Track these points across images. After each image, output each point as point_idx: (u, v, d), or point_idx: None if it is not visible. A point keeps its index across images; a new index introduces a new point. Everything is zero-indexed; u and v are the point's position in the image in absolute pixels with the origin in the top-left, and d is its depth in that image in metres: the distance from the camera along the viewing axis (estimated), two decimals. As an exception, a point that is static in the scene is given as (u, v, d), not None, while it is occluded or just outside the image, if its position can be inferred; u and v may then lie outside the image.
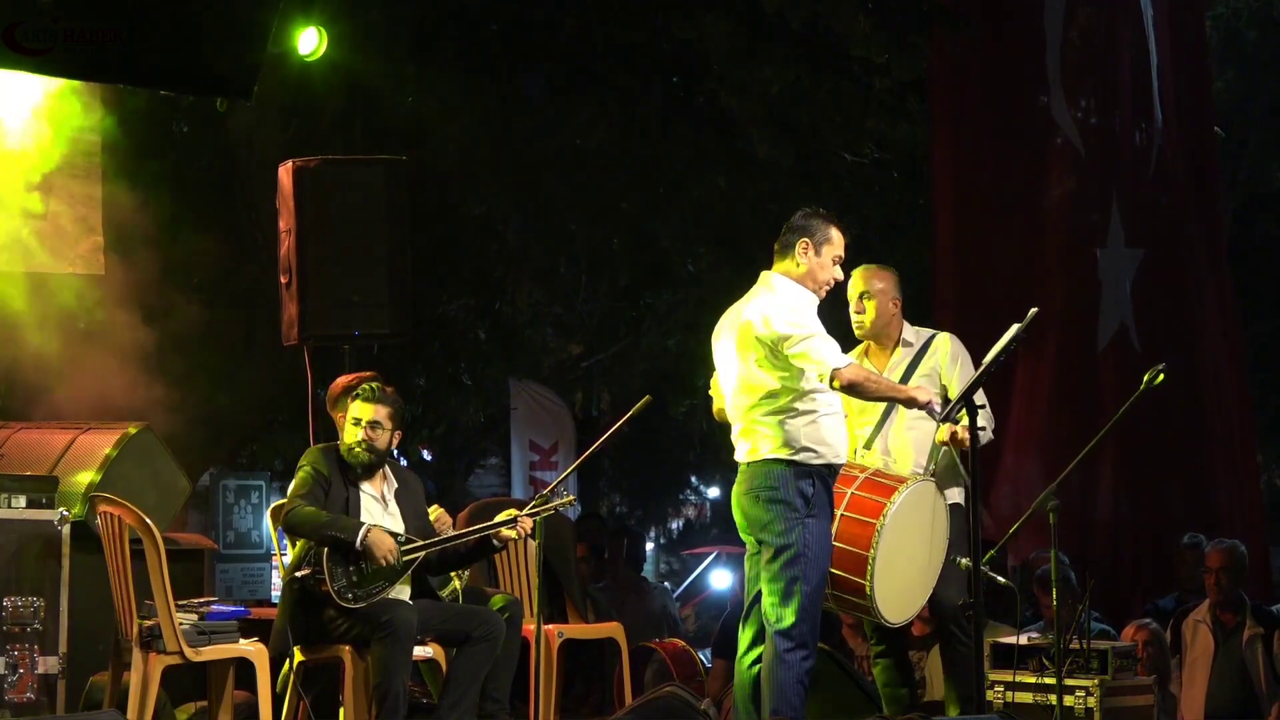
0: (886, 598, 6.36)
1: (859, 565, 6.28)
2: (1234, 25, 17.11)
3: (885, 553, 6.29)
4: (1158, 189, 11.33)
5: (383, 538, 6.51)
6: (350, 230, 8.33)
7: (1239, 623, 8.15)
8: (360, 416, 6.68)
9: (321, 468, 6.66)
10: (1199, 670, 8.16)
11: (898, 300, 6.99)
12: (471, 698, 6.62)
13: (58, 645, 6.65)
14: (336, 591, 6.43)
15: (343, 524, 6.50)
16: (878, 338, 6.99)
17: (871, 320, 6.92)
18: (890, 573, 6.34)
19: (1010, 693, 6.86)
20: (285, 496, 6.80)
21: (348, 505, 6.64)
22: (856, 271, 6.93)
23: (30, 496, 6.78)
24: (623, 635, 8.08)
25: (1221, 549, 8.27)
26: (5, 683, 6.56)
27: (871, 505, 6.33)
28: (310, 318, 8.27)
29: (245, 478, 13.05)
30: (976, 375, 6.29)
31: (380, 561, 6.47)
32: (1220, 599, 8.20)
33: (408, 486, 6.93)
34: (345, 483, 6.69)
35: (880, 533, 6.28)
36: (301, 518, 6.53)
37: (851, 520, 6.29)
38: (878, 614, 6.40)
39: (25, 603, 6.64)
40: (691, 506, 26.58)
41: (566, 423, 15.52)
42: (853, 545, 6.27)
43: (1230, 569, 8.19)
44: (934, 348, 6.96)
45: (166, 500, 7.74)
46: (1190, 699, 8.17)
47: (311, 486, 6.61)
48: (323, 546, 6.47)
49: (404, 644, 6.41)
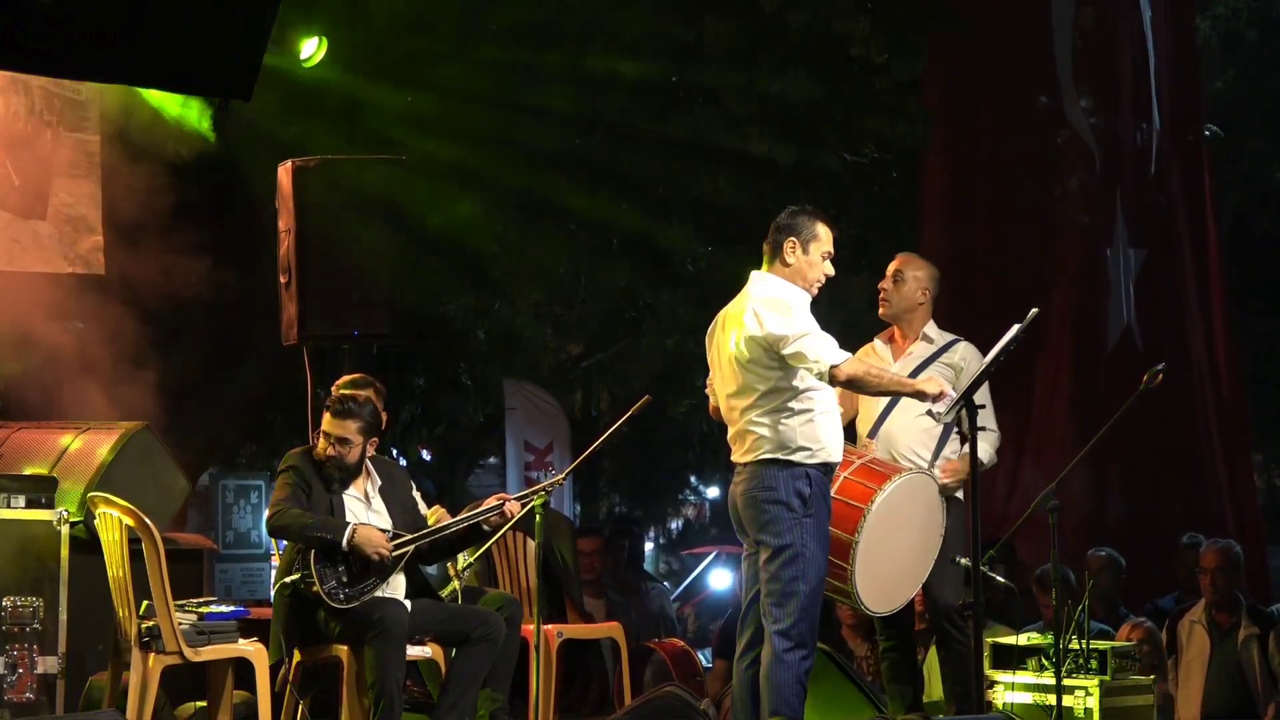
0: (869, 585, 6.37)
1: (843, 549, 6.29)
2: (1234, 25, 17.10)
3: (870, 539, 6.30)
4: (1156, 189, 11.36)
5: (371, 534, 6.51)
6: (350, 230, 8.33)
7: (1234, 623, 8.15)
8: (329, 432, 6.70)
9: (302, 471, 6.66)
10: (1195, 670, 8.16)
11: (928, 291, 7.06)
12: (471, 698, 6.62)
13: (57, 645, 6.66)
14: (327, 593, 6.42)
15: (329, 525, 6.51)
16: (899, 321, 7.03)
17: (896, 300, 6.98)
18: (874, 560, 6.35)
19: (1010, 693, 6.87)
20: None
21: (331, 508, 6.64)
22: (899, 256, 7.08)
23: (30, 496, 6.79)
24: (622, 635, 8.08)
25: (1217, 549, 8.27)
26: (5, 683, 6.56)
27: (861, 490, 6.36)
28: (310, 318, 8.27)
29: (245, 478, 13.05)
30: (977, 375, 6.30)
31: (373, 557, 6.48)
32: (1216, 599, 8.20)
33: (392, 480, 6.93)
34: (325, 486, 6.69)
35: (866, 518, 6.29)
36: (286, 521, 6.53)
37: (840, 503, 6.30)
38: (858, 599, 6.40)
39: (25, 602, 6.64)
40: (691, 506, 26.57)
41: (561, 423, 15.53)
42: (838, 528, 6.28)
43: (1226, 569, 8.19)
44: (955, 350, 6.98)
45: (166, 500, 7.75)
46: (1186, 699, 8.16)
47: (293, 490, 6.61)
48: (310, 549, 6.47)
49: (396, 641, 6.41)
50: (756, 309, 6.13)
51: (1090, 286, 11.01)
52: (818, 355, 6.04)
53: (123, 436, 7.54)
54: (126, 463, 7.47)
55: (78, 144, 9.02)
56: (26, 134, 8.89)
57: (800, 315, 6.13)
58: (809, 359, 6.04)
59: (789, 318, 6.09)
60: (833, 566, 6.30)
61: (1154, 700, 6.98)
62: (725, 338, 6.25)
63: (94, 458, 7.39)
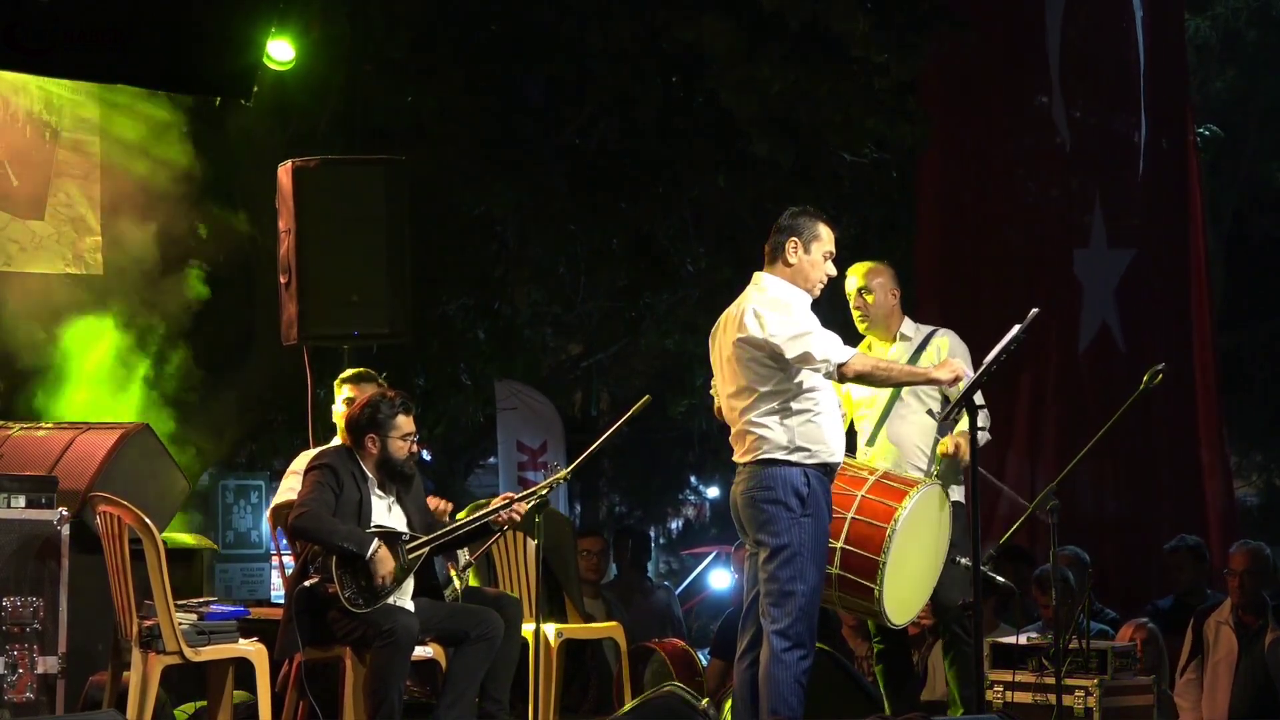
0: (894, 600, 6.38)
1: (869, 569, 6.29)
2: (1234, 25, 17.10)
3: (895, 557, 6.30)
4: (1146, 191, 11.35)
5: (386, 560, 6.50)
6: (350, 230, 8.33)
7: (1262, 625, 8.08)
8: (409, 431, 6.71)
9: (337, 471, 6.64)
10: (1222, 672, 8.09)
11: (895, 292, 7.05)
12: (470, 697, 6.62)
13: (57, 645, 6.65)
14: (348, 599, 6.43)
15: (355, 536, 6.50)
16: (878, 330, 7.02)
17: (873, 312, 6.97)
18: (898, 576, 6.36)
19: (1010, 693, 6.86)
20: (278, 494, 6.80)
21: (360, 507, 6.63)
22: (851, 270, 7.00)
23: (30, 496, 6.78)
24: (622, 635, 8.08)
25: (1246, 550, 8.19)
26: (5, 683, 6.55)
27: (883, 510, 6.34)
28: (310, 317, 8.27)
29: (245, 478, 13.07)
30: (976, 376, 6.29)
31: (378, 580, 6.48)
32: (1243, 600, 8.12)
33: (408, 481, 6.93)
34: (358, 486, 6.68)
35: (891, 537, 6.28)
36: (314, 525, 6.50)
37: (862, 524, 6.30)
38: (884, 616, 6.41)
39: (25, 602, 6.63)
40: (691, 506, 26.57)
41: (555, 423, 15.52)
42: (864, 549, 6.28)
43: (1254, 571, 8.12)
44: (934, 344, 6.97)
45: (166, 500, 7.74)
46: (1214, 701, 8.10)
47: (323, 491, 6.57)
48: (331, 555, 6.47)
49: (404, 652, 6.42)
50: (757, 310, 6.12)
51: (1060, 286, 10.99)
52: (825, 354, 6.04)
53: (123, 436, 7.53)
54: (126, 463, 7.47)
55: (77, 144, 9.02)
56: (26, 134, 8.89)
57: (801, 315, 6.13)
58: (816, 359, 6.04)
59: (790, 318, 6.09)
60: (860, 588, 6.31)
61: (1154, 700, 6.98)
62: (726, 339, 6.24)
63: (94, 458, 7.38)
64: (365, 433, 6.69)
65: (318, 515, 6.51)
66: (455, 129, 11.25)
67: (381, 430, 6.68)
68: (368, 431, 6.69)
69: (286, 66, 8.98)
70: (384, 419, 6.68)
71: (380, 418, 6.68)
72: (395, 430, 6.68)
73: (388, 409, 6.69)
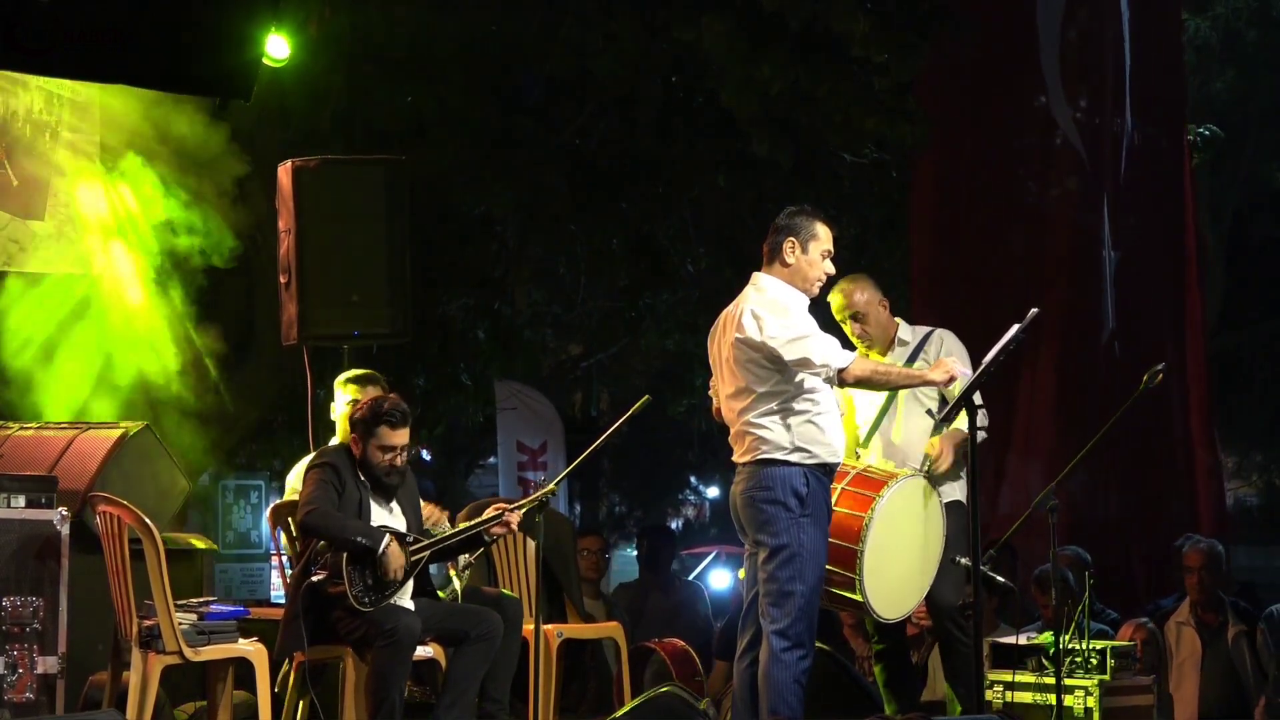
0: (878, 592, 6.38)
1: (849, 559, 6.30)
2: (1234, 25, 17.10)
3: (875, 547, 6.31)
4: (1144, 191, 11.36)
5: (398, 554, 6.52)
6: (350, 230, 8.33)
7: (1222, 621, 8.13)
8: (393, 443, 6.69)
9: (338, 470, 6.65)
10: (1188, 671, 8.15)
11: (884, 302, 7.02)
12: (469, 697, 6.63)
13: (57, 645, 6.65)
14: (355, 596, 6.43)
15: (367, 531, 6.51)
16: (878, 345, 6.99)
17: (874, 331, 6.94)
18: (881, 568, 6.36)
19: (1010, 693, 6.87)
20: (281, 495, 6.79)
21: (360, 507, 6.64)
22: (834, 293, 6.91)
23: (30, 496, 6.78)
24: (622, 635, 8.08)
25: (1200, 548, 8.26)
26: (5, 683, 6.55)
27: (860, 500, 6.37)
28: (310, 318, 8.27)
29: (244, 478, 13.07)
30: (975, 376, 6.28)
31: (389, 575, 6.48)
32: (1201, 598, 8.19)
33: (405, 483, 6.94)
34: (358, 486, 6.69)
35: (868, 526, 6.30)
36: (323, 522, 6.51)
37: (841, 515, 6.32)
38: (870, 609, 6.41)
39: (25, 602, 6.64)
40: (691, 506, 26.60)
41: (555, 423, 15.53)
42: (842, 539, 6.29)
43: (1209, 567, 8.19)
44: (931, 342, 6.97)
45: (166, 500, 7.75)
46: (1182, 700, 8.15)
47: (327, 489, 6.59)
48: (341, 551, 6.47)
49: (405, 653, 6.43)
50: (755, 311, 6.12)
51: (1084, 288, 11.00)
52: (825, 359, 6.05)
53: (123, 436, 7.54)
54: (127, 463, 7.47)
55: (77, 144, 9.01)
56: (26, 134, 8.88)
57: (799, 318, 6.13)
58: (816, 363, 6.04)
59: (788, 320, 6.08)
60: (841, 579, 6.31)
61: (1154, 700, 6.99)
62: (725, 339, 6.24)
63: (94, 458, 7.39)
64: (354, 432, 6.74)
65: (327, 512, 6.53)
66: (455, 129, 11.25)
67: (365, 435, 6.71)
68: (354, 432, 6.74)
69: (282, 63, 8.97)
70: (369, 425, 6.70)
71: (367, 421, 6.70)
72: (375, 439, 6.69)
73: (374, 417, 6.71)
